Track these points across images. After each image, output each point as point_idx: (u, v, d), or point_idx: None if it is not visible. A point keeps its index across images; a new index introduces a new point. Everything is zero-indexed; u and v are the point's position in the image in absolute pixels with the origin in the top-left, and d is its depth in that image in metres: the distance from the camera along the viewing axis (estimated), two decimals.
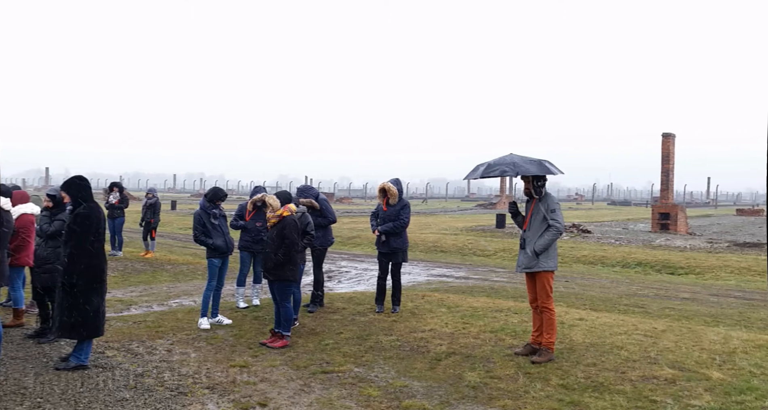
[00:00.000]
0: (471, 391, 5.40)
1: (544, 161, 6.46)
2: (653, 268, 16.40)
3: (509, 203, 6.81)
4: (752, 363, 6.09)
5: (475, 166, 6.58)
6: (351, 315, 8.34)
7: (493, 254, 19.04)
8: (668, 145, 26.76)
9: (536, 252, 6.31)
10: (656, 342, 6.86)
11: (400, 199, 8.54)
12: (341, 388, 5.50)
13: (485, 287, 12.43)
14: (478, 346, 6.74)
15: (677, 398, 5.14)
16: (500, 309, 8.71)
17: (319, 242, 8.62)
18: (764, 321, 9.38)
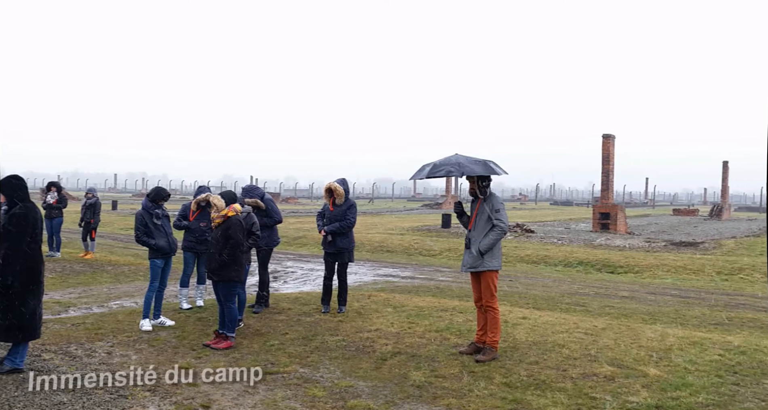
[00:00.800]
0: (416, 390, 5.44)
1: (488, 161, 6.53)
2: (594, 267, 16.76)
3: (454, 203, 6.87)
4: (687, 359, 6.28)
5: (421, 166, 6.62)
6: (297, 315, 8.30)
7: (438, 254, 19.18)
8: (608, 146, 27.37)
9: (481, 252, 6.38)
10: (596, 339, 7.01)
11: (346, 199, 8.53)
12: (286, 389, 5.47)
13: (431, 286, 12.52)
14: (423, 345, 6.78)
15: (616, 394, 5.26)
16: (445, 308, 8.78)
17: (265, 242, 8.56)
18: (699, 319, 9.68)
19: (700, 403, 5.09)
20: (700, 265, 16.15)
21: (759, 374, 5.88)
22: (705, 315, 10.05)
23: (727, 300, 11.69)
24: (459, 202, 6.75)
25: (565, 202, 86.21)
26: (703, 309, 10.59)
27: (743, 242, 22.53)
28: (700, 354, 6.51)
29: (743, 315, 10.11)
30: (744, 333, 8.45)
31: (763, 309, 10.75)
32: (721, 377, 5.75)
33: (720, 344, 6.95)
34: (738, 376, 5.80)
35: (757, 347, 6.83)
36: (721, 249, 20.28)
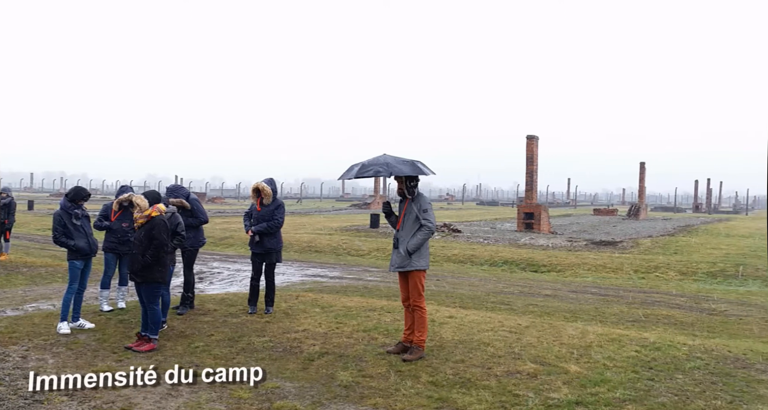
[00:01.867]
0: (343, 390, 5.44)
1: (416, 161, 6.59)
2: (518, 266, 17.12)
3: (383, 203, 6.90)
4: (606, 356, 6.49)
5: (350, 166, 6.63)
6: (222, 316, 8.18)
7: (367, 254, 19.23)
8: (532, 147, 27.99)
9: (409, 251, 6.43)
10: (520, 337, 7.17)
11: (274, 199, 8.46)
12: (211, 391, 5.38)
13: (359, 286, 12.54)
14: (351, 345, 6.79)
15: (538, 391, 5.39)
16: (373, 308, 8.81)
17: (190, 242, 8.40)
18: (617, 316, 10.02)
19: (617, 398, 5.27)
20: (618, 264, 16.69)
21: (672, 369, 6.13)
22: (623, 312, 10.40)
23: (644, 298, 12.12)
24: (387, 202, 6.78)
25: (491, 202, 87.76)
26: (622, 307, 10.95)
27: (659, 241, 23.40)
28: (618, 350, 6.73)
29: (658, 311, 10.51)
30: (659, 330, 8.79)
31: (677, 306, 11.20)
32: (638, 372, 5.97)
33: (637, 340, 7.20)
34: (653, 371, 6.03)
35: (671, 343, 7.11)
36: (638, 248, 21.02)
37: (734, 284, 14.44)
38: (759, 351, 7.08)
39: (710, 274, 15.45)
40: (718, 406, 5.18)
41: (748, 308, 11.13)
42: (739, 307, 11.19)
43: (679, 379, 5.83)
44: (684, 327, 9.22)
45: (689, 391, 5.52)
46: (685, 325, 9.42)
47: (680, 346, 7.00)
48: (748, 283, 14.57)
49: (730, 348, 7.07)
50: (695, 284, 14.50)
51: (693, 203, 74.54)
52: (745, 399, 5.36)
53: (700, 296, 12.52)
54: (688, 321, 9.73)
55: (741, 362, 6.50)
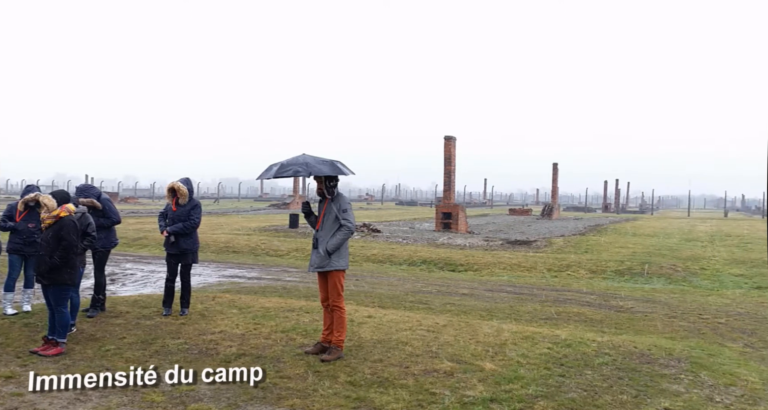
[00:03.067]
0: (260, 392, 5.39)
1: (336, 161, 6.60)
2: (436, 265, 17.34)
3: (302, 203, 6.88)
4: (520, 353, 6.66)
5: (269, 166, 6.57)
6: (135, 318, 7.96)
7: (286, 254, 19.09)
8: (450, 147, 28.40)
9: (328, 252, 6.43)
10: (438, 336, 7.27)
11: (190, 199, 8.30)
12: (122, 395, 5.24)
13: (278, 287, 12.44)
14: (269, 346, 6.73)
15: (454, 389, 5.49)
16: (292, 308, 8.76)
17: (102, 243, 8.15)
18: (531, 314, 10.29)
19: (530, 395, 5.42)
20: (533, 262, 17.13)
21: (582, 365, 6.35)
22: (536, 310, 10.69)
23: (556, 296, 12.49)
24: (306, 202, 6.76)
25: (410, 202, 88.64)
26: (535, 305, 11.25)
27: (571, 240, 24.14)
28: (531, 347, 6.92)
29: (570, 309, 10.85)
30: (570, 327, 9.07)
31: (587, 304, 11.58)
32: (549, 369, 6.15)
33: (549, 337, 7.42)
34: (564, 368, 6.23)
35: (581, 340, 7.37)
36: (551, 247, 21.63)
37: (640, 282, 15.04)
38: (662, 346, 7.42)
39: (618, 272, 16.04)
40: (624, 401, 5.40)
41: (653, 305, 11.62)
42: (644, 304, 11.67)
43: (588, 375, 6.05)
44: (593, 324, 9.55)
45: (597, 386, 5.73)
46: (594, 322, 9.75)
47: (590, 343, 7.26)
48: (652, 281, 15.21)
49: (635, 344, 7.38)
50: (604, 282, 15.04)
51: (602, 203, 77.30)
52: (649, 393, 5.61)
53: (609, 293, 12.99)
54: (597, 318, 10.08)
55: (646, 357, 6.79)
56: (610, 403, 5.32)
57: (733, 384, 6.07)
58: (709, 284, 14.83)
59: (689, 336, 8.88)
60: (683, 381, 6.06)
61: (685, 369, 6.45)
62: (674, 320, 10.12)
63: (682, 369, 6.47)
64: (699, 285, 14.74)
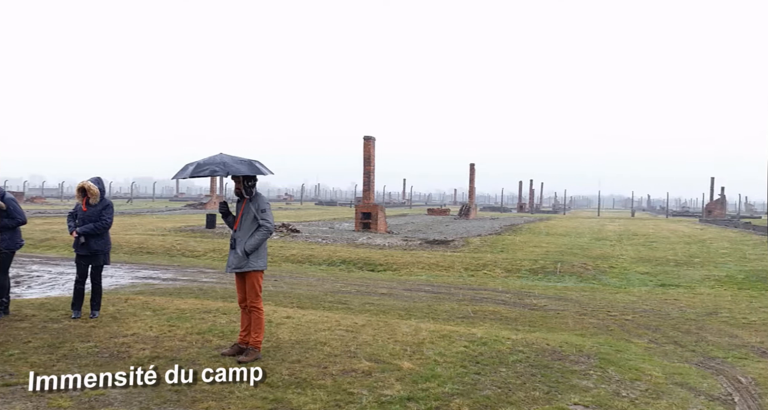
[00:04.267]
0: (174, 395, 5.27)
1: (254, 161, 6.53)
2: (356, 265, 17.38)
3: (219, 203, 6.78)
4: (437, 352, 6.76)
5: (184, 165, 6.45)
6: (42, 322, 7.66)
7: (202, 255, 18.74)
8: (369, 147, 28.54)
9: (246, 252, 6.36)
10: (356, 336, 7.29)
11: (101, 199, 8.05)
12: (26, 401, 5.03)
13: (194, 288, 12.21)
14: (183, 349, 6.60)
15: (372, 389, 5.52)
16: (209, 310, 8.62)
17: (6, 244, 7.81)
18: (448, 313, 10.44)
19: (446, 393, 5.51)
20: (450, 262, 17.39)
21: (497, 363, 6.50)
22: (454, 309, 10.86)
23: (473, 295, 12.72)
24: (224, 202, 6.67)
25: (329, 202, 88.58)
26: (453, 304, 11.43)
27: (487, 239, 24.63)
28: (448, 346, 7.03)
29: (486, 307, 11.08)
30: (486, 325, 9.26)
31: (502, 302, 11.85)
32: (466, 367, 6.27)
33: (465, 336, 7.56)
34: (479, 366, 6.36)
35: (496, 338, 7.53)
36: (468, 247, 22.01)
37: (553, 281, 15.49)
38: (573, 343, 7.68)
39: (532, 271, 16.47)
40: (537, 397, 5.56)
41: (565, 302, 11.99)
42: (556, 302, 12.03)
43: (503, 372, 6.19)
44: (508, 322, 9.77)
45: (511, 383, 5.87)
46: (509, 320, 9.98)
47: (504, 340, 7.43)
48: (564, 279, 15.69)
49: (548, 341, 7.60)
50: (519, 280, 15.41)
51: (517, 203, 79.22)
52: (560, 389, 5.79)
53: (523, 292, 13.32)
54: (512, 316, 10.32)
55: (557, 354, 7.00)
56: (523, 399, 5.47)
57: (639, 379, 6.33)
58: (617, 282, 15.41)
59: (598, 332, 9.21)
60: (592, 376, 6.28)
61: (594, 365, 6.68)
62: (584, 317, 10.47)
63: (591, 365, 6.70)
64: (608, 283, 15.29)
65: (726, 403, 5.85)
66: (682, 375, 6.73)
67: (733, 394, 6.16)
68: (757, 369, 7.16)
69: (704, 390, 6.19)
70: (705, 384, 6.42)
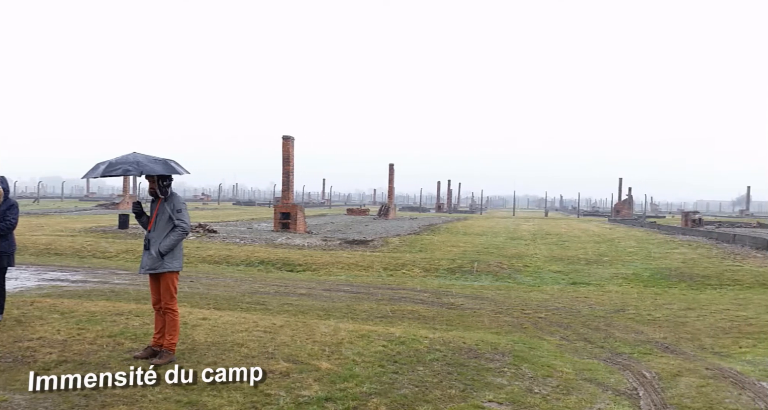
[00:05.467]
0: (82, 400, 5.10)
1: (169, 160, 6.39)
2: (275, 266, 17.22)
3: (133, 203, 6.60)
4: (355, 352, 6.77)
5: (96, 164, 6.25)
6: None
7: (115, 256, 18.19)
8: (288, 147, 28.38)
9: (161, 253, 6.23)
10: (274, 337, 7.23)
11: (5, 199, 7.70)
12: None
13: (105, 290, 11.83)
14: (94, 352, 6.39)
15: (289, 390, 5.49)
16: (121, 312, 8.37)
17: None
18: (367, 312, 10.48)
19: (364, 392, 5.53)
20: (369, 262, 17.46)
21: (415, 362, 6.57)
22: (373, 308, 10.90)
23: (392, 294, 12.80)
24: (138, 202, 6.50)
25: (247, 202, 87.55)
26: (372, 303, 11.47)
27: (406, 239, 24.85)
28: (366, 346, 7.06)
29: (404, 307, 11.17)
30: (404, 324, 9.34)
31: (421, 301, 11.97)
32: (384, 366, 6.31)
33: (384, 335, 7.61)
34: (397, 365, 6.41)
35: (414, 337, 7.61)
36: (387, 247, 22.15)
37: (470, 280, 15.77)
38: (488, 341, 7.84)
39: (450, 270, 16.72)
40: (453, 395, 5.65)
41: (481, 301, 12.22)
42: (473, 301, 12.25)
43: (420, 371, 6.26)
44: (426, 321, 9.89)
45: (428, 382, 5.94)
46: (427, 319, 10.10)
47: (422, 339, 7.52)
48: (481, 278, 16.00)
49: (465, 340, 7.73)
50: (437, 280, 15.61)
51: (436, 203, 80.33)
52: (475, 387, 5.90)
53: (441, 291, 13.50)
54: (430, 316, 10.45)
55: (473, 352, 7.14)
56: (439, 398, 5.54)
57: (550, 376, 6.52)
58: (531, 281, 15.82)
59: (513, 330, 9.43)
60: (506, 373, 6.43)
61: (508, 363, 6.84)
62: (500, 315, 10.70)
63: (506, 362, 6.86)
64: (522, 282, 15.68)
65: (631, 397, 6.10)
66: (591, 370, 6.97)
67: (638, 388, 6.42)
68: (661, 364, 7.49)
69: (611, 385, 6.44)
70: (612, 379, 6.67)
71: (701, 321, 10.48)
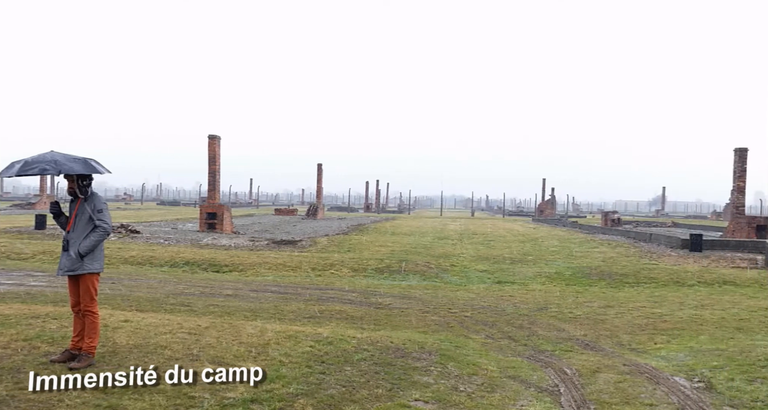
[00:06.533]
0: None
1: (89, 159, 6.20)
2: (200, 267, 16.93)
3: (51, 203, 6.39)
4: (282, 352, 6.73)
5: (10, 163, 6.01)
6: None
7: (31, 258, 17.53)
8: (214, 147, 27.97)
9: (81, 254, 6.04)
10: (199, 339, 7.11)
11: None
12: None
13: (20, 292, 11.39)
14: (7, 356, 6.14)
15: (214, 392, 5.40)
16: (37, 315, 8.07)
17: None
18: (295, 313, 10.42)
19: (291, 393, 5.50)
20: (297, 262, 17.36)
21: (342, 362, 6.57)
22: (300, 309, 10.85)
23: (320, 294, 12.77)
24: (56, 202, 6.29)
25: (172, 202, 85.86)
26: (299, 304, 11.42)
27: (334, 239, 24.82)
28: (294, 346, 7.01)
29: (332, 307, 11.16)
30: (332, 325, 9.33)
31: (349, 301, 11.99)
32: (311, 367, 6.29)
33: (312, 336, 7.58)
34: (325, 365, 6.40)
35: (342, 337, 7.61)
36: (316, 247, 22.07)
37: (398, 279, 15.87)
38: (416, 340, 7.91)
39: (378, 270, 16.78)
40: (380, 394, 5.68)
41: (409, 301, 12.32)
42: (401, 300, 12.33)
43: (348, 371, 6.27)
44: (354, 321, 9.90)
45: (356, 382, 5.96)
46: (355, 319, 10.12)
47: (350, 339, 7.52)
48: (409, 278, 16.12)
49: (392, 339, 7.78)
50: (365, 279, 15.65)
51: (364, 203, 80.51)
52: (402, 386, 5.95)
53: (369, 291, 13.55)
54: (358, 315, 10.47)
55: (400, 351, 7.19)
56: (366, 397, 5.56)
57: (476, 374, 6.64)
58: (457, 280, 16.04)
59: (440, 329, 9.54)
60: (433, 372, 6.50)
61: (434, 361, 6.92)
62: (427, 315, 10.81)
63: (432, 361, 6.94)
64: (449, 281, 15.88)
65: (553, 394, 6.26)
66: (515, 368, 7.12)
67: (559, 385, 6.61)
68: (581, 361, 7.72)
69: (534, 382, 6.59)
70: (535, 377, 6.83)
71: (619, 319, 10.84)
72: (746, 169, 28.04)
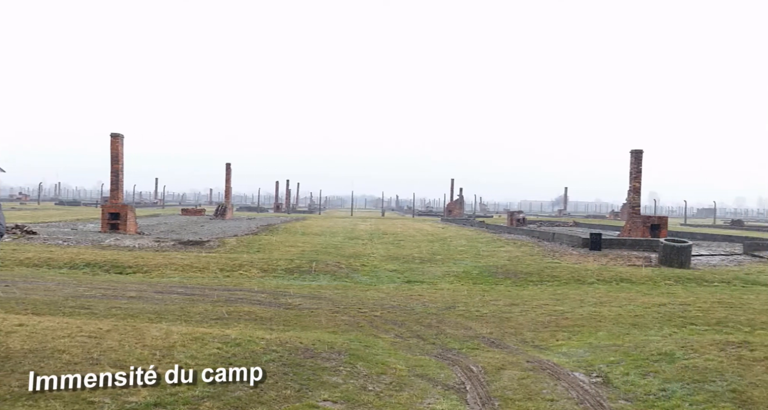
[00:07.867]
0: None
1: None
2: (102, 268, 16.34)
3: None
4: (188, 355, 6.58)
5: None
6: None
7: None
8: (117, 145, 27.14)
9: None
10: (100, 342, 6.86)
11: None
12: None
13: None
14: None
15: (115, 396, 5.23)
16: None
17: None
18: (202, 315, 10.21)
19: (196, 396, 5.38)
20: (205, 263, 17.01)
21: (251, 363, 6.46)
22: (208, 310, 10.63)
23: (228, 295, 12.55)
24: None
25: (72, 202, 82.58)
26: (207, 305, 11.18)
27: (244, 240, 24.44)
28: (200, 348, 6.87)
29: (241, 308, 10.99)
30: (241, 326, 9.19)
31: (258, 302, 11.83)
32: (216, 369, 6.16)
33: (219, 337, 7.44)
34: (232, 367, 6.28)
35: (251, 338, 7.51)
36: (224, 247, 21.68)
37: (308, 279, 15.78)
38: (325, 340, 7.88)
39: (288, 270, 16.64)
40: (288, 395, 5.63)
41: (319, 301, 12.27)
42: (311, 300, 12.27)
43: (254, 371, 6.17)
44: (263, 322, 9.78)
45: (264, 383, 5.88)
46: (264, 320, 10.00)
47: (259, 340, 7.43)
48: (319, 278, 16.06)
49: (301, 340, 7.73)
50: (275, 280, 15.49)
51: (274, 203, 79.71)
52: (310, 387, 5.92)
53: (279, 291, 13.42)
54: (267, 316, 10.35)
55: (310, 352, 7.15)
56: (274, 398, 5.51)
57: (384, 373, 6.68)
58: (368, 280, 16.10)
59: (349, 329, 9.55)
60: (342, 372, 6.50)
61: (344, 361, 6.92)
62: (337, 315, 10.80)
63: (342, 361, 6.93)
64: (360, 281, 15.92)
65: (459, 391, 6.37)
66: (423, 367, 7.21)
67: (465, 383, 6.73)
68: (487, 358, 7.89)
69: (441, 380, 6.69)
70: (442, 375, 6.93)
71: (524, 316, 11.15)
72: (641, 170, 29.30)
